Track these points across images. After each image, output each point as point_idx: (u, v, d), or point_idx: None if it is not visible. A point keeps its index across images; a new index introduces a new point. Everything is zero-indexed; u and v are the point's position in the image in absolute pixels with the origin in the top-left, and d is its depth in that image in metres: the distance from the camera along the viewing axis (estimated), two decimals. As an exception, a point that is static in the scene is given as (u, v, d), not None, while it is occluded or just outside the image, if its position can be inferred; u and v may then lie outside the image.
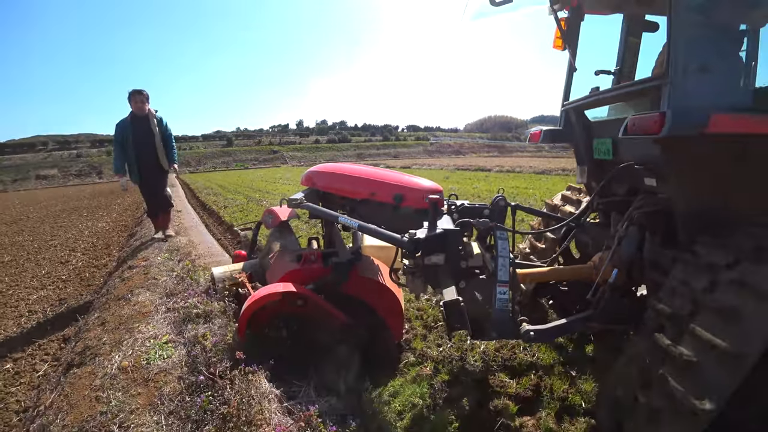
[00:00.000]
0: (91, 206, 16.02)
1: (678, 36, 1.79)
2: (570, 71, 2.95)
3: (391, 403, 2.35)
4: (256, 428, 1.48)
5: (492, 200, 2.78)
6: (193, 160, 54.37)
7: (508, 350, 2.91)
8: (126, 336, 2.60)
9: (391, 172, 3.07)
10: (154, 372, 2.14)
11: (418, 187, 2.76)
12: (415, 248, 2.23)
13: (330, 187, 2.97)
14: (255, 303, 2.31)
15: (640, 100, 2.58)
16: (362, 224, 2.45)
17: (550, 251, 3.29)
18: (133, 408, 1.88)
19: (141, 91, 5.44)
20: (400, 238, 2.29)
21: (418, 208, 2.67)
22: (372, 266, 2.87)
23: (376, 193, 2.77)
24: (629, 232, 2.37)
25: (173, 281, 3.60)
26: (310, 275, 2.60)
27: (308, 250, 2.92)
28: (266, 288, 2.44)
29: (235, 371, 1.83)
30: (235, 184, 20.75)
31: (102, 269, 6.00)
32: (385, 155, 58.80)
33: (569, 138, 2.98)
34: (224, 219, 8.98)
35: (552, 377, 2.62)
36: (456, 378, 2.65)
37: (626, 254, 2.35)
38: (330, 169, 3.08)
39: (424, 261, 2.24)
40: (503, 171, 22.74)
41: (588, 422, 2.26)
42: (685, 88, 1.78)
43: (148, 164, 5.48)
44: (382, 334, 2.68)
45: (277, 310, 2.42)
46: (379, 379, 2.53)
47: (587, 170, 2.91)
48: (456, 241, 2.30)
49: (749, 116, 1.76)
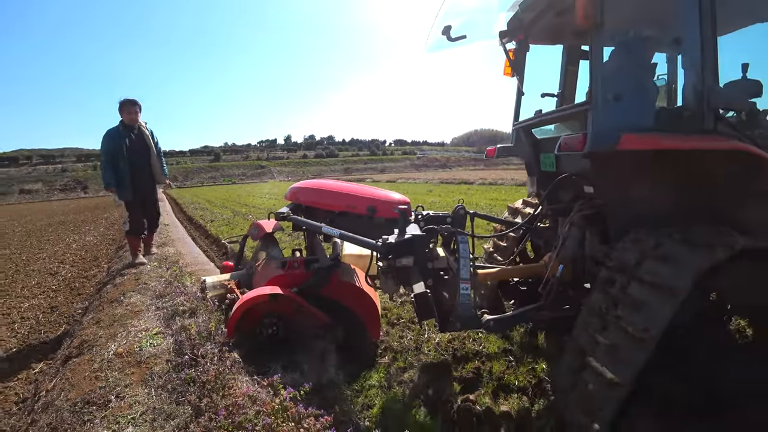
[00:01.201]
0: (78, 221, 16.12)
1: (596, 72, 2.24)
2: (518, 95, 3.37)
3: (351, 384, 2.73)
4: (229, 390, 1.86)
5: (453, 209, 3.11)
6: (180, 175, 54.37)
7: (458, 341, 3.32)
8: (120, 330, 2.95)
9: (367, 187, 3.42)
10: (145, 356, 2.50)
11: (389, 200, 3.09)
12: (387, 251, 2.53)
13: (312, 202, 3.23)
14: (244, 304, 2.54)
15: (573, 122, 3.04)
16: (343, 232, 2.74)
17: (511, 251, 3.72)
18: (128, 383, 2.24)
19: (134, 100, 5.11)
20: (375, 243, 2.58)
21: (389, 218, 3.00)
22: (351, 272, 3.14)
23: (353, 205, 3.07)
24: (572, 233, 2.75)
25: (162, 285, 3.94)
26: (294, 280, 2.85)
27: (292, 258, 3.18)
28: (254, 291, 2.66)
29: (215, 350, 2.21)
30: (222, 199, 21.01)
31: (91, 279, 6.25)
32: (372, 170, 59.49)
33: (520, 153, 3.41)
34: (210, 232, 9.29)
35: (493, 362, 3.03)
36: (410, 365, 3.04)
37: (570, 252, 2.74)
38: (312, 185, 3.35)
39: (395, 263, 2.56)
40: (485, 184, 23.38)
41: (519, 398, 2.66)
42: (603, 112, 2.21)
43: (142, 179, 5.10)
44: (360, 333, 2.96)
45: (263, 311, 2.65)
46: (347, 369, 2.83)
47: (536, 180, 3.34)
48: (423, 245, 2.62)
49: (652, 135, 2.17)
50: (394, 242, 2.53)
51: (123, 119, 5.04)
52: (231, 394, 1.82)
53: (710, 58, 2.21)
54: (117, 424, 1.96)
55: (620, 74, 2.36)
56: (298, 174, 57.32)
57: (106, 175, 4.88)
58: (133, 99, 5.12)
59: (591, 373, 1.91)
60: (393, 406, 2.50)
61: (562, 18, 2.88)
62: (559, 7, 2.70)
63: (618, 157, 2.18)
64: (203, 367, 2.10)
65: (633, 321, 1.83)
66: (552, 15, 2.88)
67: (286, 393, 1.74)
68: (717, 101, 2.21)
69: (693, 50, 2.24)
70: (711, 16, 2.20)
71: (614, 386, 1.78)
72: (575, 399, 1.96)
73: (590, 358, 1.93)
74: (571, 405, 1.98)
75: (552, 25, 3.09)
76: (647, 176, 2.33)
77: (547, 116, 3.31)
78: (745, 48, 2.70)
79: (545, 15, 2.90)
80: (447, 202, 13.15)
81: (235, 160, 67.40)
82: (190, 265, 5.43)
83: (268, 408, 1.66)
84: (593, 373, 1.89)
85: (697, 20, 2.19)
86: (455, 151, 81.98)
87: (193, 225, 11.68)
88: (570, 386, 2.00)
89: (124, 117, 5.03)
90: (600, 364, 1.87)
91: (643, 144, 2.10)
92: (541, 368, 2.88)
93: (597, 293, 2.13)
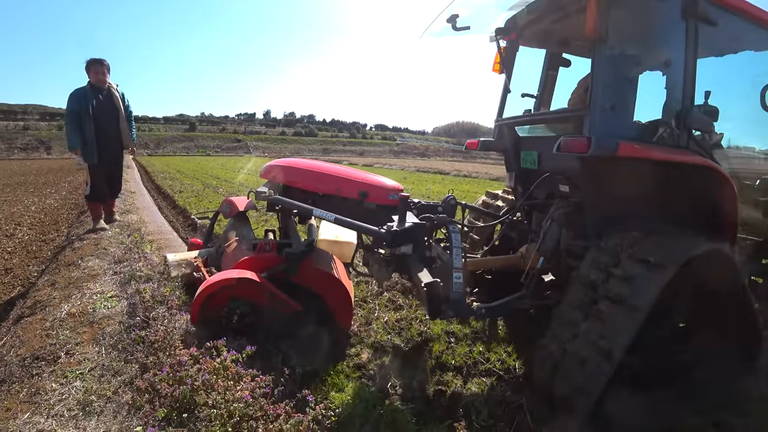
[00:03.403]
0: (39, 182, 15.49)
1: (598, 82, 2.45)
2: (504, 92, 3.53)
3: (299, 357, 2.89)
4: (174, 350, 1.98)
5: (443, 199, 3.19)
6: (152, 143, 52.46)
7: (406, 321, 3.53)
8: (75, 292, 3.00)
9: (355, 170, 3.29)
10: (98, 317, 2.58)
11: (383, 186, 3.00)
12: (393, 239, 2.50)
13: (292, 181, 3.06)
14: (210, 287, 2.39)
15: (562, 124, 3.29)
16: (339, 217, 2.59)
17: (482, 242, 3.90)
18: (79, 342, 2.33)
19: (102, 60, 4.94)
20: (378, 230, 2.53)
21: (381, 204, 2.90)
22: (325, 259, 2.99)
23: (341, 188, 2.94)
24: (551, 228, 2.93)
25: (122, 251, 3.97)
26: (265, 264, 2.71)
27: (264, 240, 3.03)
28: (221, 273, 2.53)
29: (166, 314, 2.33)
30: (194, 171, 20.58)
31: (50, 243, 6.13)
32: (351, 152, 59.12)
33: (501, 148, 3.57)
34: (178, 203, 9.19)
35: (434, 342, 3.25)
36: (361, 341, 3.22)
37: (549, 246, 2.92)
38: (294, 164, 3.20)
39: (396, 251, 2.53)
40: (460, 175, 23.78)
41: (454, 375, 2.88)
42: (601, 120, 2.43)
43: (108, 143, 4.97)
44: (330, 323, 2.83)
45: (231, 295, 2.49)
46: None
47: (515, 176, 3.53)
48: (422, 233, 2.65)
49: (645, 145, 2.44)
50: (400, 229, 2.52)
51: (90, 80, 4.89)
52: (176, 353, 1.95)
53: (690, 83, 2.51)
54: (65, 378, 2.05)
55: (614, 87, 2.59)
56: (275, 150, 56.40)
57: (70, 137, 4.76)
58: (99, 58, 4.96)
59: (581, 344, 2.12)
60: (340, 374, 2.64)
61: (556, 25, 3.09)
62: (564, 11, 2.85)
63: (610, 162, 2.42)
64: (153, 328, 2.22)
65: (623, 294, 2.07)
66: (548, 20, 3.06)
67: (227, 354, 1.87)
68: (692, 122, 2.54)
69: (677, 73, 2.52)
70: (694, 44, 2.47)
71: (606, 355, 2.01)
72: (563, 371, 2.15)
73: (583, 330, 2.14)
74: (559, 377, 2.17)
75: (542, 30, 3.27)
76: (630, 181, 2.57)
77: (538, 116, 3.56)
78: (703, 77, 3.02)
79: (542, 19, 3.07)
80: (419, 190, 13.37)
81: (211, 131, 65.44)
82: (152, 233, 5.43)
83: (209, 366, 1.80)
84: (584, 344, 2.11)
85: (683, 46, 2.46)
86: (435, 141, 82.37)
87: (161, 195, 11.48)
88: (559, 358, 2.20)
89: (91, 77, 4.89)
90: (592, 335, 2.09)
91: (637, 153, 2.34)
92: (477, 350, 3.11)
93: (589, 270, 2.35)
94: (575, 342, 2.17)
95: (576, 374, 2.09)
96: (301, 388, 1.89)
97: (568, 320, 2.28)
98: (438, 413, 2.49)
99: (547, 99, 3.78)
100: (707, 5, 2.50)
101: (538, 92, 3.75)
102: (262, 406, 1.68)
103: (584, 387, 2.05)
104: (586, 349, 2.08)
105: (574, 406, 2.10)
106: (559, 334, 2.29)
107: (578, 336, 2.17)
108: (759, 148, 3.56)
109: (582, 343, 2.13)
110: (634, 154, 2.32)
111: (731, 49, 3.12)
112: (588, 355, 2.07)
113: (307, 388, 1.89)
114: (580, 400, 2.07)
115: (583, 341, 2.13)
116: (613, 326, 2.05)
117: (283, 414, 1.69)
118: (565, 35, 3.50)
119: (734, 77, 2.94)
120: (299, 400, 1.83)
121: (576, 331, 2.19)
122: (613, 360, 2.02)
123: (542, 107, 3.70)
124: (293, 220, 3.15)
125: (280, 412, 1.70)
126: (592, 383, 2.03)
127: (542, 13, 2.99)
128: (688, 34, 2.45)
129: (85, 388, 1.92)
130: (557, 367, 2.21)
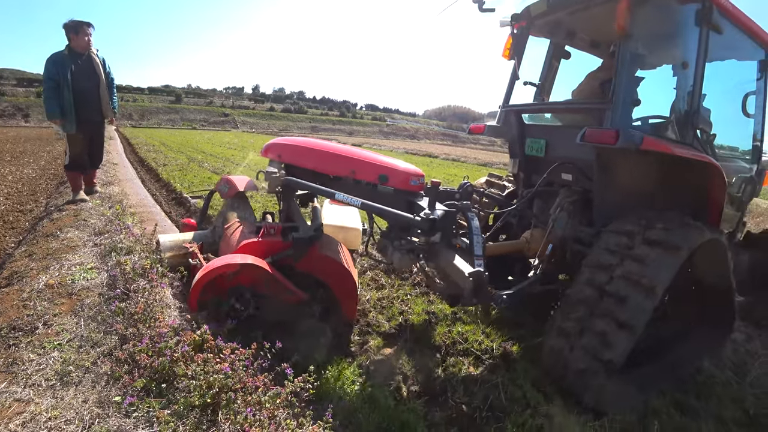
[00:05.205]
0: (16, 151, 14.96)
1: (621, 76, 2.54)
2: (512, 78, 3.59)
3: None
4: (154, 322, 1.99)
5: (459, 185, 3.17)
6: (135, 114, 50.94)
7: (387, 300, 3.58)
8: (54, 263, 2.96)
9: (370, 152, 3.14)
10: (77, 289, 2.55)
11: (405, 170, 2.85)
12: (431, 226, 2.46)
13: (301, 162, 2.90)
14: (210, 273, 2.23)
15: (573, 115, 3.46)
16: (366, 202, 2.49)
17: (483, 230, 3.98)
18: (57, 313, 2.31)
19: (89, 23, 4.66)
20: (413, 217, 2.47)
21: (400, 189, 2.78)
22: (332, 245, 2.86)
23: (357, 171, 2.79)
24: (560, 216, 3.02)
25: (102, 223, 3.91)
26: (269, 248, 2.55)
27: (267, 223, 2.83)
28: (222, 258, 2.36)
29: (147, 286, 2.32)
30: (179, 144, 20.15)
31: (27, 214, 6.00)
32: (340, 131, 58.48)
33: (506, 134, 3.64)
34: (162, 176, 9.04)
35: (414, 322, 3.30)
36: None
37: (559, 233, 3.00)
38: (303, 144, 3.02)
39: (428, 239, 2.51)
40: (449, 159, 23.80)
41: (434, 355, 2.95)
42: (623, 113, 2.55)
43: (87, 111, 4.75)
44: (335, 313, 2.72)
45: (231, 283, 2.34)
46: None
47: (518, 162, 3.60)
48: (452, 220, 2.65)
49: (664, 141, 2.55)
50: (438, 217, 2.48)
51: (71, 44, 4.63)
52: (156, 325, 1.95)
53: (699, 85, 2.67)
54: (42, 348, 2.04)
55: (634, 83, 2.75)
56: (263, 126, 55.40)
57: (49, 105, 4.53)
58: (86, 21, 4.67)
59: (601, 319, 2.24)
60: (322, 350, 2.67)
61: (568, 17, 3.18)
62: (587, 4, 2.93)
63: (625, 154, 2.53)
64: (133, 300, 2.21)
65: (640, 273, 2.21)
66: (563, 12, 3.13)
67: (207, 327, 1.89)
68: (697, 121, 2.72)
69: (688, 75, 2.67)
70: (705, 49, 2.63)
71: (627, 328, 2.14)
72: (584, 343, 2.26)
73: (604, 304, 2.26)
74: (578, 349, 2.28)
75: (551, 21, 3.36)
76: (641, 173, 2.74)
77: (552, 105, 3.67)
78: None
79: (557, 10, 3.14)
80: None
81: (198, 104, 63.80)
82: (135, 206, 5.35)
83: (188, 338, 1.81)
84: (603, 318, 2.22)
85: (695, 50, 2.62)
86: (426, 123, 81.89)
87: (144, 167, 11.26)
88: (576, 333, 2.31)
89: (72, 41, 4.62)
90: (612, 310, 2.21)
91: (659, 147, 2.46)
92: (456, 331, 3.18)
93: (602, 253, 2.47)
94: (594, 318, 2.29)
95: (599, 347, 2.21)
96: (280, 362, 1.91)
97: (582, 299, 2.39)
98: (414, 390, 2.56)
99: (548, 89, 3.86)
100: (719, 15, 2.67)
101: (539, 81, 3.80)
102: (241, 378, 1.70)
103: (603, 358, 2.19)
104: (607, 325, 2.21)
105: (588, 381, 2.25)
106: (571, 314, 2.39)
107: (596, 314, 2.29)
108: (742, 148, 3.75)
109: (598, 320, 2.26)
110: (656, 149, 2.43)
111: (720, 56, 3.27)
112: (607, 329, 2.20)
113: (286, 362, 1.91)
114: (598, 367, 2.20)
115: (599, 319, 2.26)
116: (632, 305, 2.18)
117: (261, 386, 1.72)
118: (573, 28, 3.59)
119: (718, 83, 3.13)
120: (278, 373, 1.86)
121: (594, 308, 2.30)
122: (636, 334, 2.16)
123: (543, 96, 3.79)
124: (296, 203, 2.99)
125: (259, 384, 1.72)
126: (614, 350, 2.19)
127: (566, 3, 3.06)
128: (701, 39, 2.62)
129: (63, 359, 1.92)
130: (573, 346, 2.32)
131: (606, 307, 2.25)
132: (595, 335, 2.23)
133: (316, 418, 1.77)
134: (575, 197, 3.05)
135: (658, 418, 2.36)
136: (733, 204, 3.47)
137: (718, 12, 2.67)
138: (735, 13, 2.81)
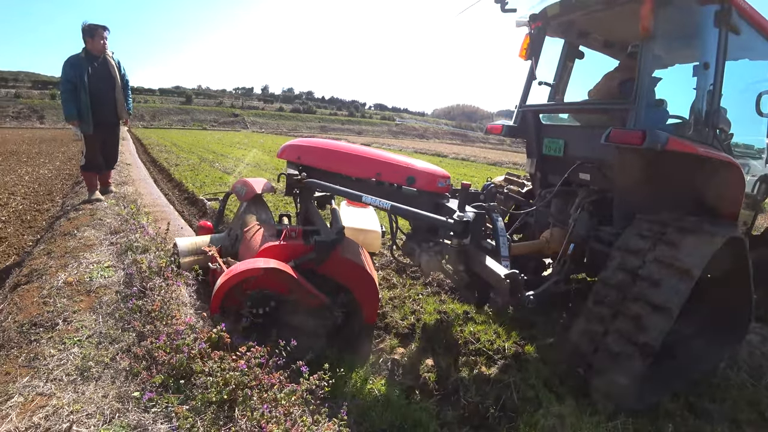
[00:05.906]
0: (32, 152, 15.26)
1: (644, 77, 2.55)
2: (529, 78, 3.59)
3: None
4: (171, 319, 2.02)
5: (483, 186, 3.18)
6: (147, 114, 51.59)
7: (399, 300, 3.59)
8: (72, 261, 3.01)
9: (394, 155, 3.11)
10: (95, 286, 2.60)
11: (431, 172, 2.84)
12: (464, 229, 2.44)
13: (321, 164, 2.86)
14: (234, 277, 2.20)
15: (591, 115, 3.45)
16: (395, 205, 2.45)
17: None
18: (76, 310, 2.36)
19: (104, 27, 4.74)
20: (446, 220, 2.46)
21: (426, 191, 2.77)
22: (353, 248, 2.81)
23: (384, 173, 2.75)
24: (580, 216, 3.02)
25: (118, 222, 3.97)
26: (291, 252, 2.52)
27: (288, 226, 2.82)
28: (245, 262, 2.31)
29: (163, 285, 2.36)
30: (190, 144, 20.38)
31: (44, 213, 6.11)
32: (349, 131, 58.58)
33: (523, 134, 3.65)
34: (174, 176, 9.15)
35: (427, 321, 3.31)
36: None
37: (580, 232, 3.00)
38: (325, 146, 2.99)
39: (461, 241, 2.51)
40: (458, 158, 23.71)
41: (446, 354, 2.95)
42: (647, 114, 2.56)
43: (103, 112, 4.82)
44: (356, 317, 2.69)
45: (252, 287, 2.30)
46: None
47: (535, 162, 3.61)
48: (482, 222, 2.70)
49: (688, 141, 2.54)
50: (471, 220, 2.47)
51: (87, 46, 4.71)
52: (173, 323, 1.98)
53: (719, 85, 2.67)
54: (63, 344, 2.08)
55: (654, 84, 2.78)
56: (272, 126, 55.76)
57: (67, 107, 4.61)
58: (102, 24, 4.74)
59: (634, 302, 2.24)
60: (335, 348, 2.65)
61: (584, 17, 3.18)
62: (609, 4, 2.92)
63: (647, 154, 2.52)
64: (150, 298, 2.25)
65: (676, 257, 2.23)
66: (580, 12, 3.12)
67: (223, 325, 1.91)
68: (717, 121, 2.73)
69: (708, 76, 2.66)
70: (724, 50, 2.63)
71: (662, 311, 2.12)
72: (618, 326, 2.26)
73: (637, 288, 2.26)
74: (614, 333, 2.27)
75: (566, 21, 3.37)
76: (664, 172, 2.71)
77: (573, 106, 3.68)
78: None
79: (575, 10, 3.13)
80: (416, 171, 13.32)
81: (208, 105, 64.38)
82: (148, 205, 5.44)
83: (205, 335, 1.84)
84: (637, 302, 2.22)
85: (715, 51, 2.62)
86: (435, 123, 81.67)
87: (156, 167, 11.41)
88: (610, 317, 2.32)
89: (88, 44, 4.70)
90: (646, 293, 2.21)
91: (684, 147, 2.46)
92: (468, 330, 3.18)
93: (633, 238, 2.48)
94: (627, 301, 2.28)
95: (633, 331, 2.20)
96: (295, 360, 1.93)
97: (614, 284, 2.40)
98: (427, 388, 2.57)
99: (562, 88, 3.86)
100: (737, 16, 2.67)
101: (554, 81, 3.80)
102: (257, 375, 1.73)
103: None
104: (641, 308, 2.21)
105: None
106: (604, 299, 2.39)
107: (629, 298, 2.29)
108: (756, 147, 3.75)
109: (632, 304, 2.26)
110: (681, 149, 2.43)
111: (735, 56, 3.24)
112: (642, 312, 2.19)
113: (301, 360, 1.93)
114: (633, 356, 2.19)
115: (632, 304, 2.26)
116: (666, 288, 2.18)
117: (277, 383, 1.75)
118: (588, 28, 3.60)
119: (732, 82, 3.11)
120: (293, 371, 1.88)
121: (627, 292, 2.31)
122: (672, 317, 2.13)
123: (558, 96, 3.79)
124: (314, 206, 2.93)
125: (274, 381, 1.74)
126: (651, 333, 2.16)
127: (584, 5, 3.05)
128: (720, 40, 2.62)
129: (83, 355, 1.96)
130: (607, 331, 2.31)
131: (639, 291, 2.25)
132: (630, 319, 2.22)
133: (331, 416, 1.79)
134: (594, 197, 3.04)
135: (672, 420, 2.34)
136: (748, 203, 3.44)
137: (737, 13, 2.66)
138: (752, 14, 2.80)
